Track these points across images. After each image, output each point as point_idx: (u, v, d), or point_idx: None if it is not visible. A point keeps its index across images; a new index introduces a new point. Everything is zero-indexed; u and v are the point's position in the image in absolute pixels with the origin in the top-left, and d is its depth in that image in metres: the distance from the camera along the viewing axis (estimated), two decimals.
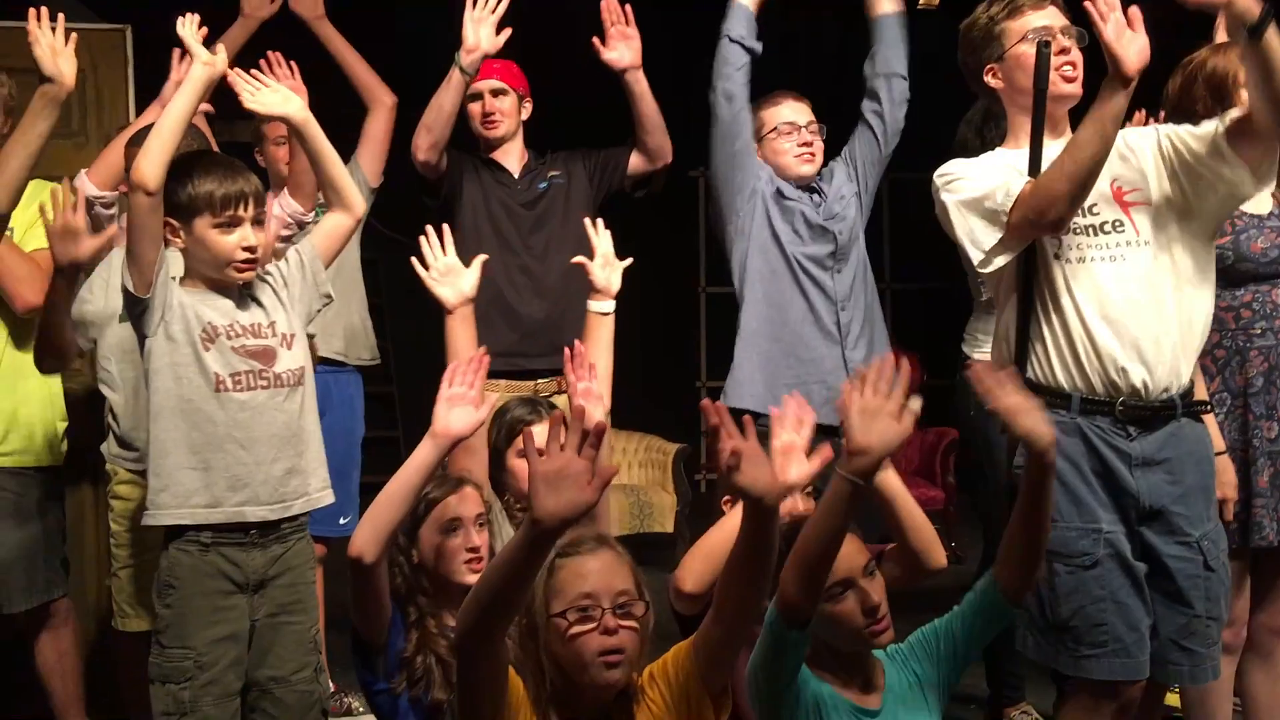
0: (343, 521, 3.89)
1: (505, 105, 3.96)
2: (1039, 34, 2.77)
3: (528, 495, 1.93)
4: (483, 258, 3.02)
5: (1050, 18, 2.82)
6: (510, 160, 4.00)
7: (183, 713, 2.77)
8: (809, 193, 3.73)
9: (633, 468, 6.67)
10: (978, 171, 2.83)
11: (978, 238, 2.78)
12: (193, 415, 2.79)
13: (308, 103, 2.97)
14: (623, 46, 3.84)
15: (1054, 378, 2.77)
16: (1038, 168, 2.75)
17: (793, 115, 3.73)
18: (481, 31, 3.72)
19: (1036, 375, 2.79)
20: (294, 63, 3.46)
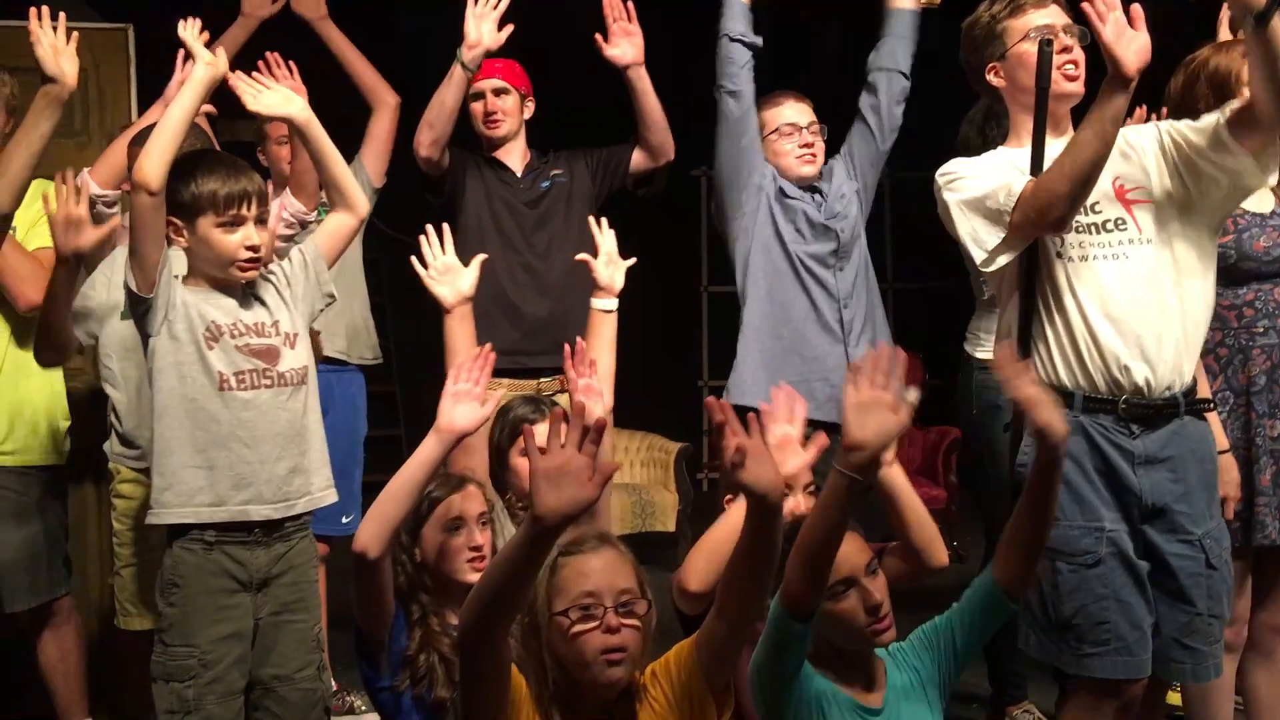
0: (345, 520, 3.89)
1: (508, 104, 3.96)
2: (1041, 32, 2.77)
3: (529, 493, 1.94)
4: (482, 257, 3.02)
5: (1052, 16, 2.82)
6: (513, 159, 4.00)
7: (186, 711, 2.77)
8: (810, 192, 3.73)
9: (635, 467, 6.66)
10: (980, 170, 2.83)
11: (980, 237, 2.77)
12: (196, 414, 2.80)
13: (307, 102, 2.97)
14: (625, 43, 3.84)
15: (1056, 376, 2.77)
16: (1040, 166, 2.74)
17: (794, 116, 3.73)
18: (483, 27, 3.72)
19: (1039, 374, 2.77)
20: (293, 62, 3.46)
